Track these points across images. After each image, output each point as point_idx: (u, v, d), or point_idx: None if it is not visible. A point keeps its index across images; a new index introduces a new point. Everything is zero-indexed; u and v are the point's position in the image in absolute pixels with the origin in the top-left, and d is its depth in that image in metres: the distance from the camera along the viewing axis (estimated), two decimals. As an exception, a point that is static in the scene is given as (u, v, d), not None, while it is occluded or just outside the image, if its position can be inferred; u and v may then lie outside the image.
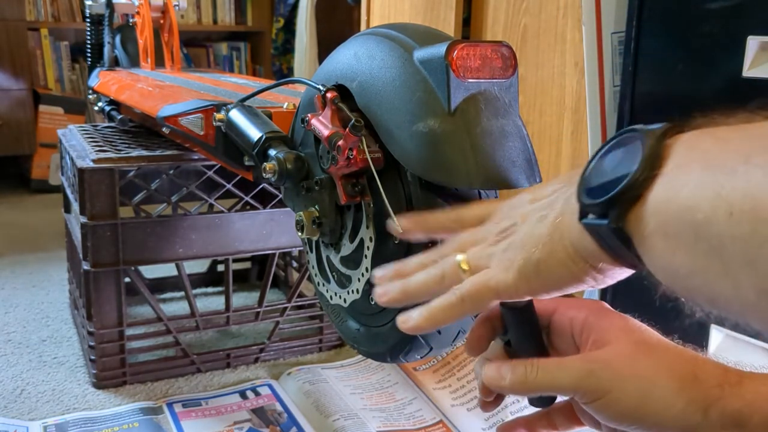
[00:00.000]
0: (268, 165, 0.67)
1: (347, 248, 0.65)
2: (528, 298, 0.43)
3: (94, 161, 1.06)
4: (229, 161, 0.84)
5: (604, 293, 1.08)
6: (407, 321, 0.44)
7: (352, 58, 0.62)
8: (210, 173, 1.12)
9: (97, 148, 1.13)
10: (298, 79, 0.72)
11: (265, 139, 0.71)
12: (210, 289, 1.58)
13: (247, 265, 1.65)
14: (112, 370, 1.12)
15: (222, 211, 1.14)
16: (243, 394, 1.10)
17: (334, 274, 0.69)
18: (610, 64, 1.19)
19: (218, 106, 0.81)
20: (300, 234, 0.67)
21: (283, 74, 3.02)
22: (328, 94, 0.62)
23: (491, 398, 0.49)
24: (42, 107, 2.59)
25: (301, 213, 0.67)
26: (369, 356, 0.67)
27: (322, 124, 0.62)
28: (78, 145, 1.21)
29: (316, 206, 0.67)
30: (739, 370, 0.40)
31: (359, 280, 0.63)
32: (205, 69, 2.92)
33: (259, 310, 1.23)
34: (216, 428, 1.00)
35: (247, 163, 0.80)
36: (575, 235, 0.37)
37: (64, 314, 1.43)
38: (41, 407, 1.06)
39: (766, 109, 0.30)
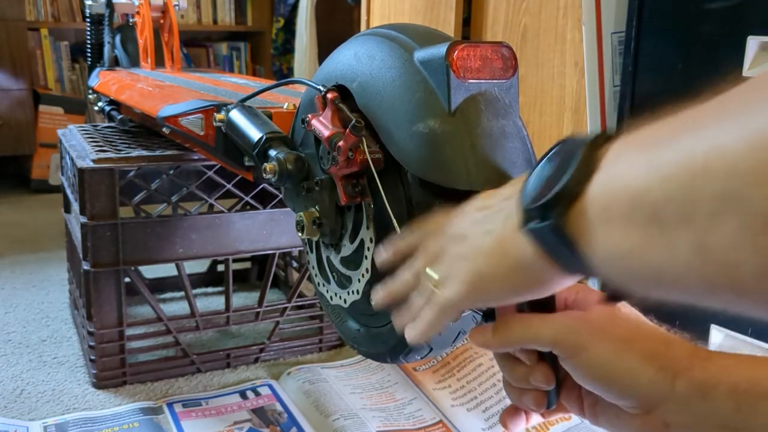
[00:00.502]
0: (268, 165, 0.67)
1: (347, 249, 0.65)
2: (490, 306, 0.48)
3: (94, 161, 1.06)
4: (229, 161, 0.84)
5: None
6: (409, 337, 0.49)
7: (352, 59, 0.62)
8: (210, 173, 1.12)
9: (97, 148, 1.13)
10: (298, 80, 0.72)
11: (266, 140, 0.71)
12: (210, 289, 1.58)
13: (247, 265, 1.65)
14: (112, 370, 1.12)
15: (222, 211, 1.14)
16: (243, 394, 1.10)
17: (334, 274, 0.69)
18: (610, 64, 1.20)
19: (218, 107, 0.81)
20: (300, 234, 0.67)
21: (283, 74, 3.02)
22: (329, 95, 0.61)
23: (516, 416, 0.52)
24: (42, 107, 2.59)
25: (302, 213, 0.67)
26: (369, 357, 0.67)
27: (323, 125, 0.62)
28: (78, 145, 1.21)
29: (317, 207, 0.67)
30: (709, 350, 0.42)
31: (359, 280, 0.63)
32: (205, 69, 2.92)
33: (259, 310, 1.23)
34: (216, 428, 1.00)
35: (247, 164, 0.80)
36: (518, 246, 0.38)
37: (64, 314, 1.43)
38: (41, 407, 1.06)
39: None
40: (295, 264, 1.45)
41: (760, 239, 0.26)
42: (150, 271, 1.51)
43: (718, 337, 0.92)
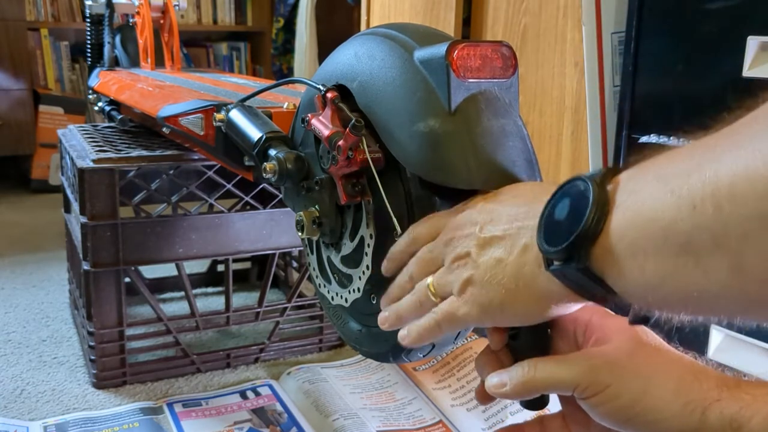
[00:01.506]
0: (268, 165, 0.67)
1: (348, 247, 0.65)
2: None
3: (94, 161, 1.06)
4: (229, 161, 0.84)
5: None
6: (404, 338, 0.50)
7: (352, 58, 0.62)
8: (210, 173, 1.12)
9: (97, 148, 1.13)
10: (298, 79, 0.72)
11: (266, 139, 0.71)
12: (210, 289, 1.58)
13: (247, 265, 1.65)
14: (112, 370, 1.12)
15: (222, 211, 1.14)
16: (243, 394, 1.10)
17: (335, 274, 0.69)
18: (610, 64, 1.20)
19: (218, 106, 0.81)
20: (300, 234, 0.67)
21: (283, 74, 3.02)
22: (329, 94, 0.61)
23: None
24: (42, 107, 2.59)
25: (302, 213, 0.67)
26: (371, 357, 0.67)
27: (323, 124, 0.62)
28: (78, 145, 1.21)
29: (317, 206, 0.67)
30: (736, 377, 0.41)
31: (360, 278, 0.63)
32: (205, 69, 2.92)
33: (259, 310, 1.23)
34: (216, 428, 1.00)
35: (247, 163, 0.80)
36: (542, 283, 0.39)
37: (64, 314, 1.43)
38: (41, 407, 1.06)
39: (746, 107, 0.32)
40: (295, 264, 1.45)
41: None
42: (150, 271, 1.51)
43: (718, 337, 0.92)
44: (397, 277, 0.53)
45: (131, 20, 1.57)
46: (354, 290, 0.64)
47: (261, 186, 1.15)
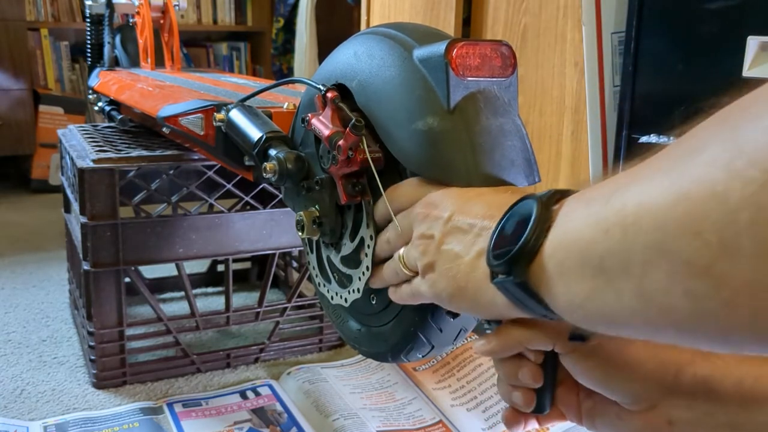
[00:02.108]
0: (268, 165, 0.67)
1: (348, 248, 0.65)
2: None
3: (94, 161, 1.06)
4: (229, 161, 0.84)
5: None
6: (392, 296, 0.55)
7: (351, 57, 0.62)
8: (210, 173, 1.12)
9: (97, 148, 1.13)
10: (298, 79, 0.71)
11: (266, 139, 0.71)
12: (210, 289, 1.58)
13: (247, 265, 1.65)
14: (112, 370, 1.12)
15: (222, 211, 1.14)
16: (243, 394, 1.10)
17: (335, 274, 0.69)
18: (610, 64, 1.19)
19: (218, 106, 0.81)
20: (300, 234, 0.67)
21: (283, 74, 3.02)
22: (329, 94, 0.61)
23: (514, 419, 0.50)
24: (42, 107, 2.59)
25: (302, 213, 0.67)
26: (370, 356, 0.67)
27: (323, 124, 0.62)
28: (78, 145, 1.21)
29: (317, 206, 0.67)
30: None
31: (360, 279, 0.63)
32: (205, 69, 2.92)
33: (259, 310, 1.23)
34: (216, 428, 1.00)
35: (247, 163, 0.80)
36: (488, 291, 0.42)
37: (64, 314, 1.43)
38: (41, 407, 1.06)
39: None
40: (295, 264, 1.45)
41: (689, 284, 0.28)
42: (150, 271, 1.51)
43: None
44: (380, 235, 0.57)
45: (131, 20, 1.57)
46: (354, 291, 0.64)
47: (261, 186, 1.15)
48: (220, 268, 1.60)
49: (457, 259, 0.45)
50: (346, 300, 0.66)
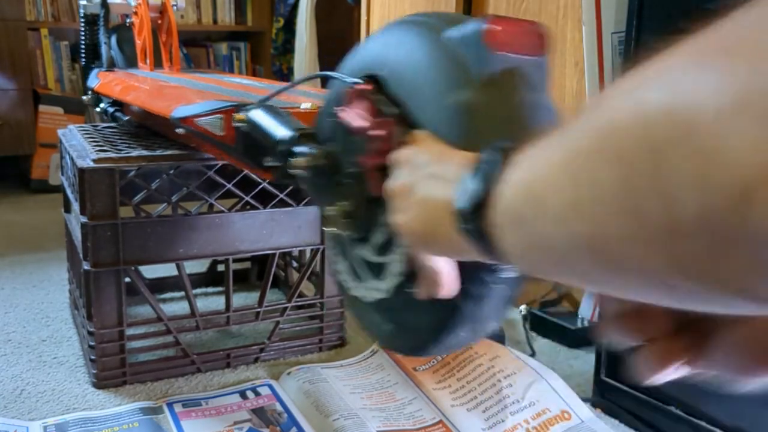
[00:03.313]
0: (299, 161, 0.67)
1: (381, 235, 0.65)
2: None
3: (94, 161, 1.06)
4: (248, 161, 0.84)
5: (604, 293, 1.08)
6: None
7: (380, 47, 0.62)
8: (210, 173, 1.12)
9: (98, 148, 1.13)
10: (327, 74, 0.70)
11: (293, 137, 0.71)
12: (210, 289, 1.58)
13: (247, 265, 1.65)
14: (112, 370, 1.12)
15: (222, 211, 1.14)
16: (243, 394, 1.10)
17: (368, 268, 0.68)
18: (610, 64, 1.19)
19: (238, 107, 0.81)
20: (330, 229, 0.67)
21: (283, 74, 3.02)
22: (361, 87, 0.62)
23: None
24: (42, 107, 2.59)
25: (331, 208, 0.67)
26: (412, 351, 0.66)
27: (355, 117, 0.62)
28: (78, 144, 1.21)
29: (347, 200, 0.67)
30: None
31: (397, 261, 0.63)
32: (205, 69, 2.92)
33: (259, 310, 1.23)
34: (216, 428, 1.00)
35: (268, 164, 0.80)
36: (457, 237, 0.43)
37: (64, 314, 1.43)
38: (41, 407, 1.06)
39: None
40: (295, 264, 1.45)
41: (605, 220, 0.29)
42: (150, 271, 1.51)
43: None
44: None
45: (128, 20, 1.56)
46: (392, 276, 0.64)
47: (261, 186, 1.15)
48: (220, 268, 1.60)
49: (429, 203, 0.47)
50: (385, 290, 0.65)
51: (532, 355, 1.30)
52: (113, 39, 1.58)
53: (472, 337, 0.62)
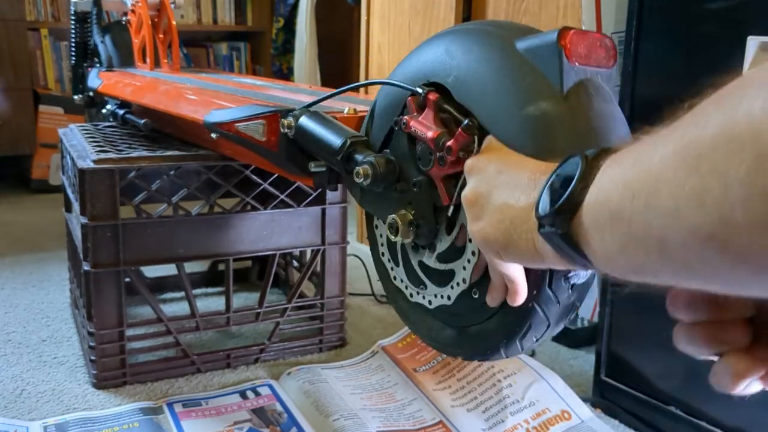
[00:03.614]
0: (361, 169, 0.67)
1: (445, 242, 0.64)
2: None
3: (94, 161, 1.06)
4: (292, 168, 0.83)
5: (604, 294, 1.08)
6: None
7: (443, 55, 0.62)
8: (211, 174, 1.12)
9: (98, 149, 1.13)
10: (385, 81, 0.70)
11: (350, 144, 0.71)
12: (210, 290, 1.58)
13: (248, 265, 1.65)
14: (112, 370, 1.12)
15: (223, 212, 1.14)
16: (243, 394, 1.10)
17: (430, 276, 0.68)
18: (610, 64, 1.19)
19: (283, 112, 0.81)
20: (393, 237, 0.67)
21: (283, 74, 3.02)
22: (430, 96, 0.62)
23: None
24: (42, 107, 2.58)
25: (395, 216, 0.66)
26: (476, 357, 0.66)
27: (424, 126, 0.62)
28: (79, 145, 1.21)
29: (410, 208, 0.66)
30: None
31: (465, 268, 0.62)
32: (205, 69, 2.91)
33: (259, 310, 1.23)
34: (216, 428, 1.00)
35: (313, 170, 0.79)
36: (536, 242, 0.44)
37: (64, 314, 1.43)
38: (41, 407, 1.06)
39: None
40: (295, 264, 1.45)
41: (700, 250, 0.30)
42: (150, 271, 1.51)
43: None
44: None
45: (124, 19, 1.54)
46: (459, 282, 0.63)
47: (261, 187, 1.15)
48: (221, 267, 1.60)
49: (506, 210, 0.47)
50: (449, 297, 0.65)
51: (532, 355, 1.30)
52: (107, 38, 1.56)
53: (535, 344, 0.62)
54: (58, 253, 1.77)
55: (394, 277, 0.73)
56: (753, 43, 0.86)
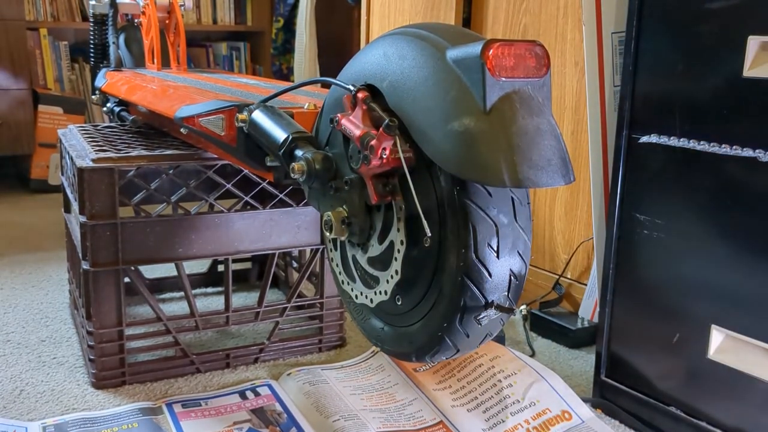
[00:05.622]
0: (296, 165, 0.67)
1: (375, 249, 0.65)
2: None
3: (93, 161, 1.06)
4: (250, 162, 0.84)
5: (605, 294, 1.08)
6: None
7: (381, 58, 0.62)
8: (209, 173, 1.12)
9: (97, 148, 1.13)
10: (326, 79, 0.71)
11: (292, 140, 0.71)
12: (210, 289, 1.58)
13: (247, 265, 1.65)
14: (111, 370, 1.12)
15: (222, 211, 1.14)
16: (243, 395, 1.10)
17: (359, 273, 0.69)
18: (610, 64, 1.19)
19: (240, 107, 0.81)
20: (328, 234, 0.67)
21: (282, 74, 3.02)
22: (360, 94, 0.62)
23: None
24: (41, 107, 2.58)
25: (330, 213, 0.67)
26: (394, 355, 0.67)
27: (353, 124, 0.62)
28: (78, 144, 1.21)
29: (345, 206, 0.67)
30: None
31: (388, 282, 0.63)
32: (212, 69, 2.91)
33: (258, 310, 1.23)
34: (216, 428, 1.00)
35: (269, 164, 0.80)
36: None
37: (64, 314, 1.42)
38: (40, 407, 1.06)
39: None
40: (295, 264, 1.45)
41: None
42: (150, 271, 1.51)
43: (719, 337, 0.92)
44: None
45: (136, 20, 1.56)
46: (380, 292, 0.64)
47: (260, 186, 1.15)
48: (220, 268, 1.60)
49: None
50: (371, 300, 0.66)
51: (532, 355, 1.30)
52: (121, 39, 1.59)
53: (454, 357, 0.64)
54: (58, 253, 1.77)
55: (332, 259, 0.74)
56: (753, 43, 0.86)
